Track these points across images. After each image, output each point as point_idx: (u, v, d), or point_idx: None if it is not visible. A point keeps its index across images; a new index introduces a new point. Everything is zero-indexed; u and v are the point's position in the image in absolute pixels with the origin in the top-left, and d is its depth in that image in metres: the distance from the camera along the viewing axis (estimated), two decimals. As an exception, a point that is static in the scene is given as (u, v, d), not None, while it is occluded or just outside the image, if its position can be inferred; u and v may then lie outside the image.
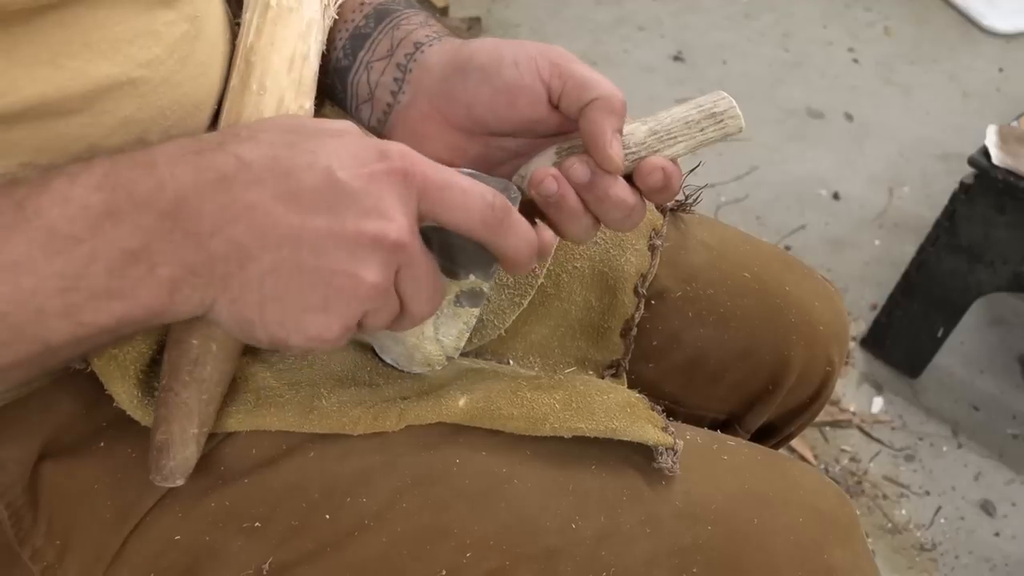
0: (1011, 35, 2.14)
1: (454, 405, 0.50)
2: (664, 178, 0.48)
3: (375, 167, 0.40)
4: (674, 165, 0.48)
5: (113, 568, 0.47)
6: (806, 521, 0.51)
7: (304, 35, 0.53)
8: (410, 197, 0.41)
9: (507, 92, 0.49)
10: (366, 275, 0.40)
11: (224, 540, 0.47)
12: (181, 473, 0.46)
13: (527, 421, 0.49)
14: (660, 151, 0.48)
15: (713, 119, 0.48)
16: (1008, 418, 1.35)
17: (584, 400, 0.50)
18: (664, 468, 0.49)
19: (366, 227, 0.39)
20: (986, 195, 1.17)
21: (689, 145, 0.48)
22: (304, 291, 0.39)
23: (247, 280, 0.39)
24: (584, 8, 2.13)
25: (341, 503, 0.48)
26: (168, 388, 0.46)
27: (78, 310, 0.37)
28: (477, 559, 0.47)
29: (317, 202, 0.39)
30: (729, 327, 0.65)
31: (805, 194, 1.70)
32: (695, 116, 0.48)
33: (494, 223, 0.43)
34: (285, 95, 0.51)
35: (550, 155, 0.50)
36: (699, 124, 0.48)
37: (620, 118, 0.48)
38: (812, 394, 0.71)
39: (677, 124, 0.48)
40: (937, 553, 1.18)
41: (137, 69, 0.45)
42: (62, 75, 0.42)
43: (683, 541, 0.48)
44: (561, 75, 0.49)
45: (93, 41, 0.43)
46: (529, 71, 0.49)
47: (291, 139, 0.40)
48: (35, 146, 0.43)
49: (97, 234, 0.36)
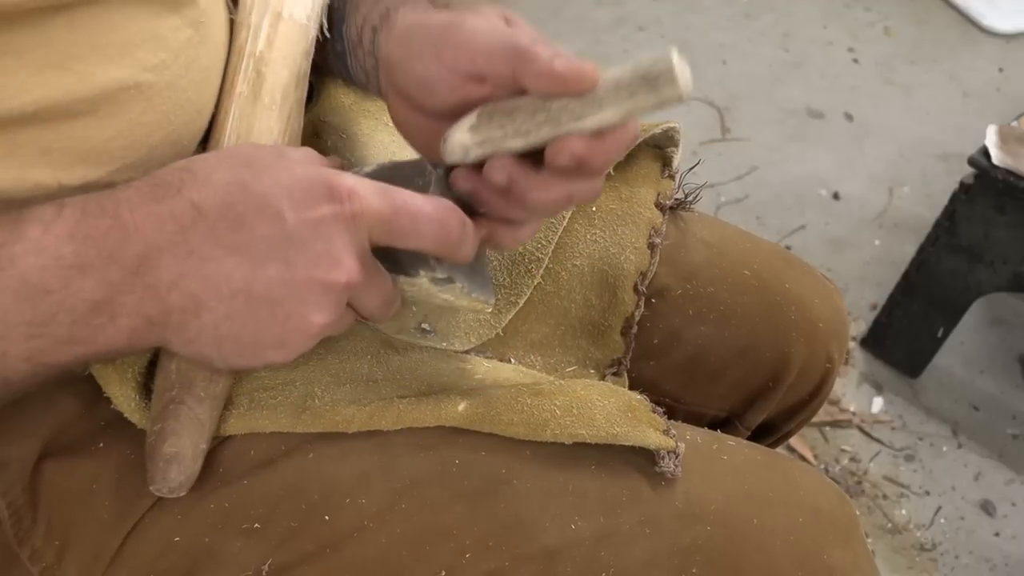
0: (1011, 35, 2.14)
1: (453, 410, 0.50)
2: (574, 159, 0.43)
3: (324, 211, 0.41)
4: (590, 143, 0.43)
5: (112, 569, 0.47)
6: (806, 521, 0.51)
7: (307, 53, 0.53)
8: (360, 234, 0.42)
9: (423, 84, 0.48)
10: (317, 318, 0.42)
11: (223, 541, 0.47)
12: (187, 487, 0.46)
13: (527, 427, 0.49)
14: (584, 117, 0.42)
15: (646, 83, 0.41)
16: (1008, 418, 1.35)
17: (585, 406, 0.50)
18: (666, 472, 0.49)
19: (316, 274, 0.41)
20: (986, 195, 1.16)
21: (617, 112, 0.42)
22: (259, 332, 0.42)
23: (202, 326, 0.41)
24: (584, 8, 2.13)
25: (340, 504, 0.47)
26: (180, 401, 0.46)
27: (40, 354, 0.39)
28: (476, 560, 0.47)
29: (269, 251, 0.40)
30: (729, 325, 0.65)
31: (805, 194, 1.70)
32: (627, 78, 0.41)
33: (448, 241, 0.44)
34: (292, 112, 0.51)
35: (471, 118, 0.46)
36: (629, 87, 0.41)
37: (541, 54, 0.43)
38: (812, 391, 0.71)
39: (606, 86, 0.42)
40: (937, 553, 1.18)
41: (143, 73, 0.46)
42: (69, 78, 0.43)
43: (683, 541, 0.48)
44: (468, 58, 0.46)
45: (101, 45, 0.44)
46: (434, 64, 0.47)
47: (244, 179, 0.41)
48: (41, 147, 0.43)
49: (67, 286, 0.38)
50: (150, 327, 0.40)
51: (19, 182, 0.43)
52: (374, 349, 0.55)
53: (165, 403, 0.46)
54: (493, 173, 0.45)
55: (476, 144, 0.45)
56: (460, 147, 0.46)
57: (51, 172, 0.44)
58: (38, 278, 0.37)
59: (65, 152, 0.44)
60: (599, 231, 0.64)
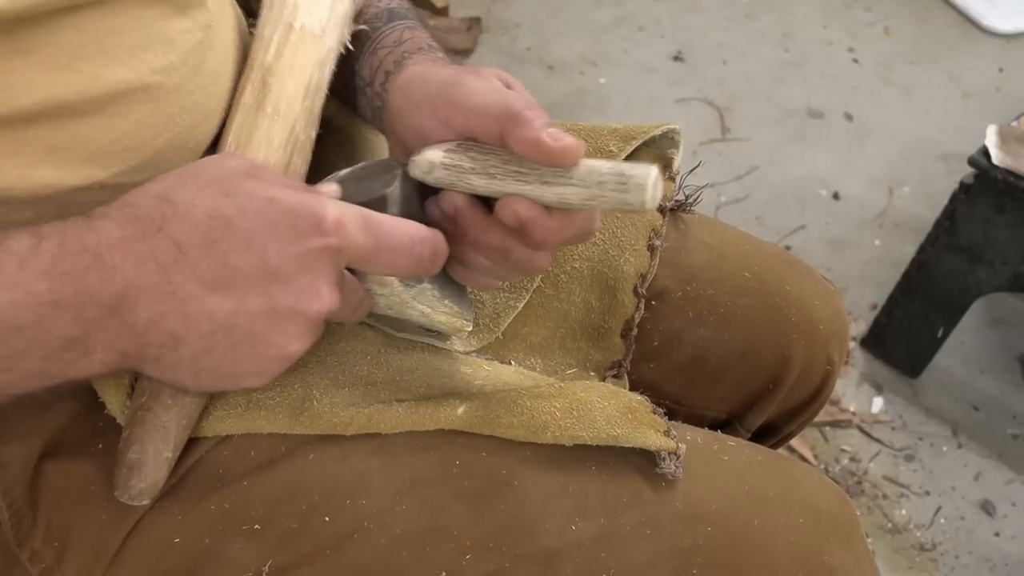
0: (1011, 35, 2.14)
1: (452, 413, 0.50)
2: (516, 220, 0.44)
3: (310, 245, 0.40)
4: (535, 210, 0.44)
5: (111, 570, 0.47)
6: (806, 522, 0.51)
7: (321, 64, 0.53)
8: (342, 264, 0.42)
9: (417, 134, 0.50)
10: (296, 346, 0.42)
11: (223, 543, 0.47)
12: (148, 495, 0.46)
13: (527, 429, 0.49)
14: (549, 185, 0.43)
15: (618, 180, 0.42)
16: (1008, 418, 1.35)
17: (585, 408, 0.50)
18: (667, 473, 0.49)
19: (299, 307, 0.41)
20: (986, 195, 1.16)
21: (580, 194, 0.43)
22: (237, 363, 0.41)
23: (180, 359, 0.40)
24: (584, 8, 2.13)
25: (340, 505, 0.47)
26: (147, 408, 0.45)
27: (7, 386, 0.38)
28: (476, 561, 0.47)
29: (251, 286, 0.40)
30: (730, 326, 0.65)
31: (805, 194, 1.70)
32: (604, 169, 0.43)
33: (419, 269, 0.45)
34: (297, 123, 0.51)
35: (451, 144, 0.47)
36: (601, 177, 0.43)
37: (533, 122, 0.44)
38: (812, 393, 0.71)
39: (584, 170, 0.43)
40: (937, 553, 1.18)
41: (151, 75, 0.46)
42: (77, 78, 0.43)
43: (683, 542, 0.48)
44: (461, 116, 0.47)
45: (109, 46, 0.44)
46: (429, 117, 0.49)
47: (227, 213, 0.39)
48: (47, 146, 0.43)
49: (40, 322, 0.37)
50: (124, 360, 0.40)
51: (25, 180, 0.43)
52: (374, 350, 0.55)
53: (135, 409, 0.46)
54: (444, 201, 0.47)
55: (443, 165, 0.46)
56: (427, 162, 0.47)
57: (56, 172, 0.44)
58: (11, 315, 0.36)
59: (71, 152, 0.44)
60: (598, 233, 0.64)
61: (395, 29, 0.57)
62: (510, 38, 2.02)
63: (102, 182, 0.46)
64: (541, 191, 0.44)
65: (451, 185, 0.46)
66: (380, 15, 0.58)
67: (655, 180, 0.42)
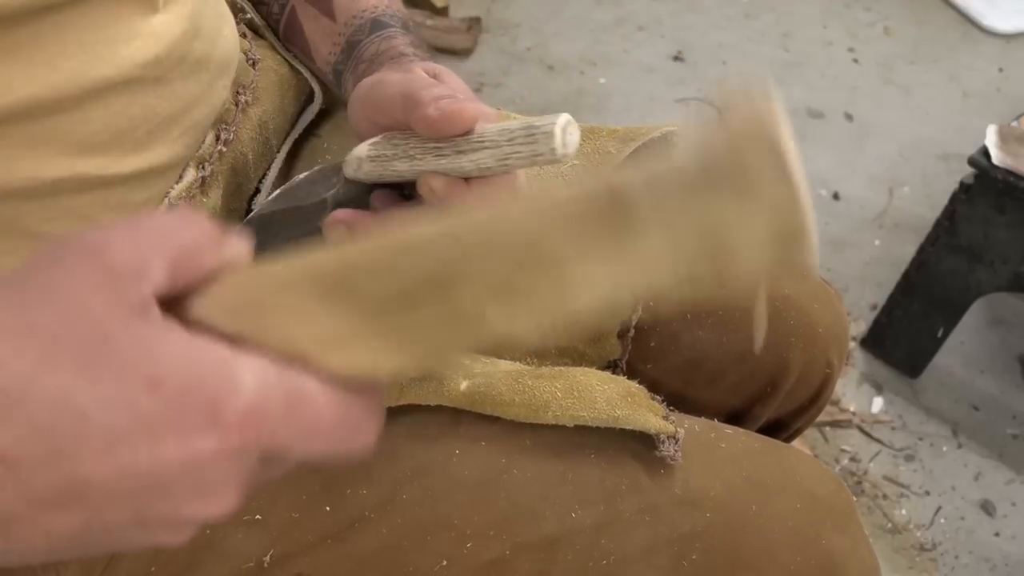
0: (1011, 35, 2.14)
1: (455, 388, 0.50)
2: (435, 196, 0.44)
3: (201, 447, 0.26)
4: (450, 183, 0.44)
5: (114, 562, 0.47)
6: (804, 508, 0.51)
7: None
8: (250, 460, 0.28)
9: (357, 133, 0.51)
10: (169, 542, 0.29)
11: (224, 533, 0.47)
12: None
13: (528, 408, 0.49)
14: (464, 153, 0.43)
15: (526, 134, 0.41)
16: (1008, 418, 1.35)
17: (585, 389, 0.50)
18: (666, 456, 0.49)
19: (179, 513, 0.28)
20: (986, 195, 1.16)
21: (492, 155, 0.42)
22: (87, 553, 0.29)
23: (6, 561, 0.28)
24: (584, 8, 2.13)
25: (341, 495, 0.48)
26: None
27: None
28: (477, 549, 0.47)
29: (112, 499, 0.26)
30: (727, 329, 0.65)
31: (805, 194, 1.70)
32: (514, 127, 0.42)
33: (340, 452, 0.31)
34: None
35: (377, 138, 0.48)
36: (511, 135, 0.42)
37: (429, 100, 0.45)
38: (811, 396, 0.71)
39: (495, 131, 0.43)
40: (937, 553, 1.18)
41: (135, 70, 0.46)
42: (57, 76, 0.43)
43: (682, 529, 0.48)
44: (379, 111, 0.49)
45: (89, 43, 0.44)
46: (358, 116, 0.51)
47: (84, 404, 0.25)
48: (26, 141, 0.43)
49: None
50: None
51: (3, 173, 0.43)
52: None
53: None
54: (375, 200, 0.48)
55: (369, 158, 0.47)
56: (355, 159, 0.48)
57: (36, 164, 0.44)
58: None
59: (50, 145, 0.44)
60: None
61: (373, 42, 0.57)
62: (510, 38, 2.02)
63: (83, 174, 0.45)
64: (459, 161, 0.44)
65: (380, 177, 0.47)
66: (364, 27, 0.58)
67: (564, 126, 0.40)
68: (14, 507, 0.26)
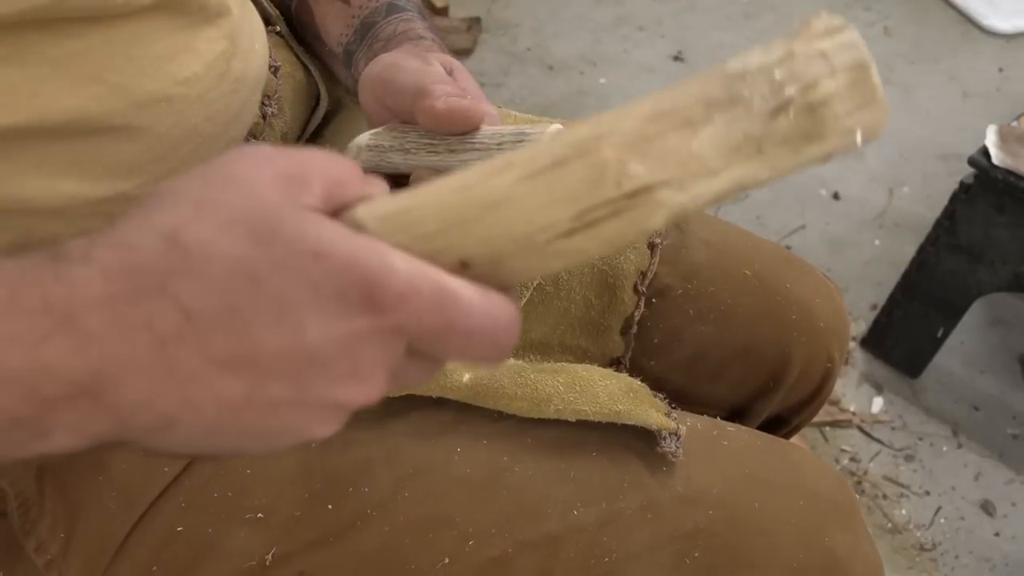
0: (1011, 35, 2.15)
1: (458, 380, 0.51)
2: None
3: (359, 324, 0.29)
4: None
5: (116, 561, 0.47)
6: (806, 505, 0.51)
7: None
8: (400, 347, 0.31)
9: (366, 112, 0.53)
10: (319, 432, 0.31)
11: (226, 531, 0.47)
12: None
13: (531, 402, 0.49)
14: (457, 153, 0.44)
15: (516, 140, 0.43)
16: (1008, 418, 1.35)
17: (587, 384, 0.50)
18: (668, 453, 0.49)
19: (333, 396, 0.30)
20: (986, 195, 1.17)
21: (484, 158, 0.40)
22: (242, 443, 0.32)
23: (172, 438, 0.30)
24: (584, 8, 2.13)
25: (343, 493, 0.48)
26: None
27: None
28: (479, 547, 0.47)
29: (277, 370, 0.29)
30: (730, 324, 0.65)
31: (805, 194, 1.70)
32: (506, 131, 0.43)
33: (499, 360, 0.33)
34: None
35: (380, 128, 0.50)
36: (502, 139, 0.43)
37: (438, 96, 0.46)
38: (813, 391, 0.71)
39: (488, 134, 0.44)
40: (937, 553, 1.18)
41: (175, 86, 0.46)
42: (103, 89, 0.43)
43: (684, 526, 0.49)
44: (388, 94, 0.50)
45: (136, 57, 0.44)
46: (369, 96, 0.52)
47: (259, 268, 0.28)
48: (72, 159, 0.43)
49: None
50: (95, 441, 0.30)
51: (48, 191, 0.43)
52: None
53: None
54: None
55: (367, 147, 0.48)
56: (356, 147, 0.49)
57: (80, 183, 0.44)
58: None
59: (95, 163, 0.44)
60: None
61: (391, 23, 0.58)
62: (510, 38, 2.02)
63: (127, 193, 0.46)
64: (449, 160, 0.45)
65: (376, 167, 0.48)
66: (380, 9, 0.59)
67: (554, 135, 0.39)
68: (191, 362, 0.28)
